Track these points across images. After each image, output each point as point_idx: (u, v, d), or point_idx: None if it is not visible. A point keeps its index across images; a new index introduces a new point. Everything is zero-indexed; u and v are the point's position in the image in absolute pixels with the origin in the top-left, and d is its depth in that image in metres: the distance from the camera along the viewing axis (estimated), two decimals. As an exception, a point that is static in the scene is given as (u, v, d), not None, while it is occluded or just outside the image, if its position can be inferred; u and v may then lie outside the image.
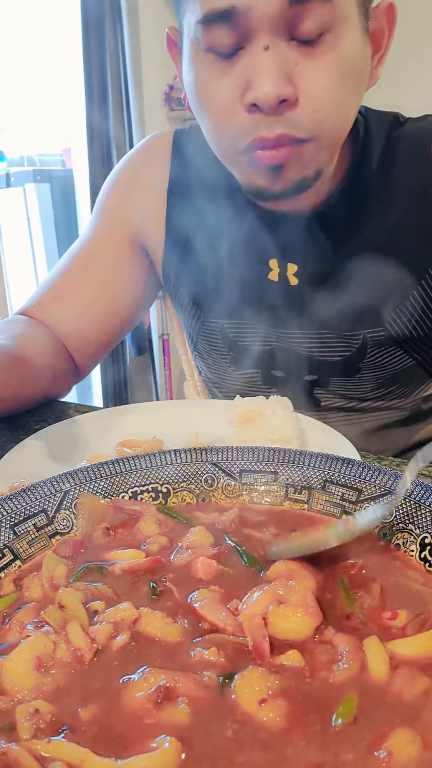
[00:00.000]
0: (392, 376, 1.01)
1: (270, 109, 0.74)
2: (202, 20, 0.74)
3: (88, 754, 0.35)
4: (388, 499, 0.55)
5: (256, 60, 0.73)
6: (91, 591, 0.49)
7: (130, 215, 1.07)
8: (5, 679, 0.40)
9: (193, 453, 0.64)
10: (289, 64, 0.74)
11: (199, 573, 0.51)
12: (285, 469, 0.63)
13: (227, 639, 0.43)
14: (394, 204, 0.92)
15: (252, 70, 0.74)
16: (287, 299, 0.98)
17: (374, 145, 0.93)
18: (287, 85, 0.74)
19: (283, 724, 0.37)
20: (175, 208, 1.03)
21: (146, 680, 0.39)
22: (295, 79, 0.74)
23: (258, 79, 0.73)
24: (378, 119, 0.95)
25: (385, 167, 0.93)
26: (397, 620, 0.45)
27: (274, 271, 0.98)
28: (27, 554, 0.55)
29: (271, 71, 0.72)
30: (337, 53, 0.74)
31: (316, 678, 0.40)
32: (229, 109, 0.78)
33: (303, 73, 0.74)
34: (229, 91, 0.77)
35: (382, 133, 0.94)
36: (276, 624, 0.43)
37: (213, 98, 0.79)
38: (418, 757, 0.35)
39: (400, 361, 0.99)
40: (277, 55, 0.73)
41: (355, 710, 0.38)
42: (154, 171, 1.06)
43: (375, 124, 0.94)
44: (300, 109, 0.76)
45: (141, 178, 1.08)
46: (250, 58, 0.74)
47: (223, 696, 0.39)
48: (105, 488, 0.61)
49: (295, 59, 0.74)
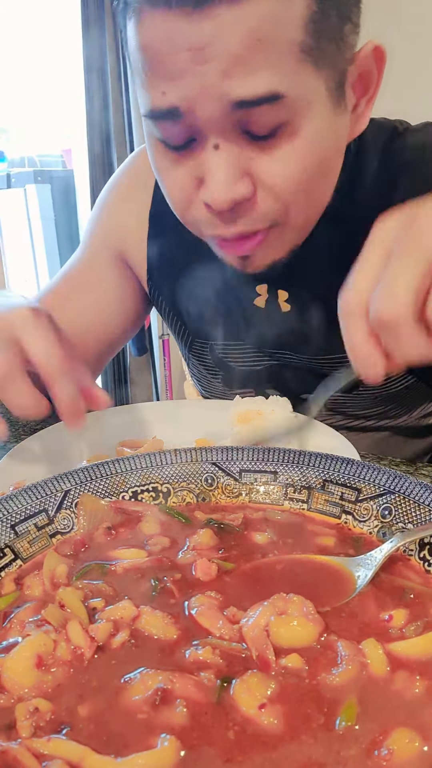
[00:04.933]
0: (392, 394, 0.99)
1: (223, 212, 0.70)
2: (148, 115, 0.70)
3: (88, 752, 0.35)
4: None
5: (207, 159, 0.68)
6: (91, 589, 0.49)
7: (116, 234, 1.05)
8: (5, 677, 0.40)
9: (193, 453, 0.65)
10: (242, 161, 0.68)
11: (198, 574, 0.51)
12: (285, 469, 0.63)
13: (224, 645, 0.43)
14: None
15: (203, 169, 0.69)
16: (278, 325, 0.94)
17: (368, 159, 0.87)
18: (240, 184, 0.68)
19: (283, 726, 0.37)
20: (157, 231, 1.01)
21: (144, 682, 0.39)
22: (252, 172, 0.69)
23: (208, 180, 0.69)
24: (375, 132, 0.88)
25: (381, 182, 0.87)
26: (395, 621, 0.45)
27: (261, 297, 0.94)
28: (28, 553, 0.55)
29: (221, 174, 0.67)
30: (297, 145, 0.68)
31: (317, 680, 0.40)
32: (187, 200, 0.74)
33: (259, 167, 0.68)
34: (185, 180, 0.72)
35: (378, 145, 0.88)
36: (278, 633, 0.43)
37: (171, 186, 0.75)
38: (419, 755, 0.35)
39: (401, 378, 0.97)
40: (228, 155, 0.67)
41: (356, 713, 0.38)
42: (138, 190, 1.02)
43: (371, 138, 0.87)
44: (259, 205, 0.71)
45: (125, 197, 1.05)
46: (201, 155, 0.69)
47: (221, 700, 0.39)
48: (105, 488, 0.61)
49: (250, 155, 0.68)
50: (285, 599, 0.45)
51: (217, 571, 0.51)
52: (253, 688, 0.39)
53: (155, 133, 0.71)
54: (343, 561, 0.52)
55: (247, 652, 0.42)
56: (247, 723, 0.37)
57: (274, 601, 0.45)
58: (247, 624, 0.44)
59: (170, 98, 0.65)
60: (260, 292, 0.94)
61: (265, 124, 0.65)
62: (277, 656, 0.42)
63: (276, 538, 0.57)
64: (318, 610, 0.45)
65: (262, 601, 0.46)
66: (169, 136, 0.69)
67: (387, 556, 0.51)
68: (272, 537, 0.57)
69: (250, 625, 0.44)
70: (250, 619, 0.44)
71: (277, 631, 0.43)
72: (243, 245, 0.74)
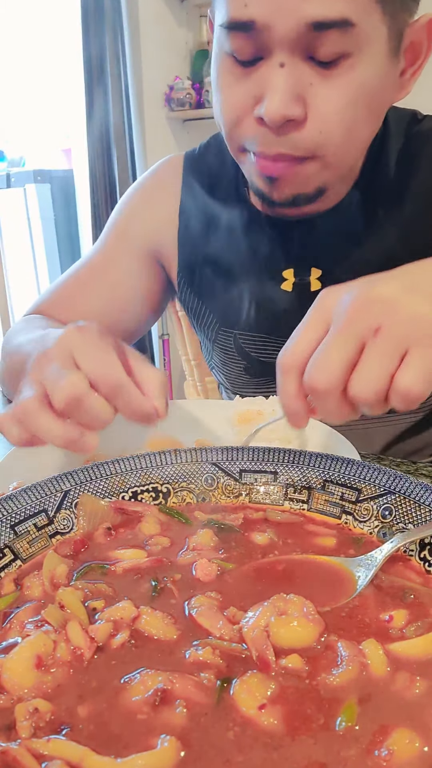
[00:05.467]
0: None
1: (274, 127, 0.75)
2: (225, 25, 0.75)
3: (88, 753, 0.35)
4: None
5: (271, 75, 0.74)
6: (91, 590, 0.49)
7: (143, 231, 1.10)
8: (5, 678, 0.40)
9: (193, 453, 0.65)
10: (302, 83, 0.74)
11: (198, 574, 0.51)
12: (285, 469, 0.63)
13: (224, 645, 0.43)
14: (409, 202, 0.93)
15: (265, 85, 0.75)
16: (305, 305, 0.98)
17: (392, 142, 0.94)
18: (296, 105, 0.74)
19: (283, 727, 0.37)
20: (186, 226, 1.06)
21: (143, 683, 0.39)
22: (307, 98, 0.75)
23: (268, 95, 0.74)
24: (397, 117, 0.95)
25: (402, 165, 0.93)
26: (395, 621, 0.45)
27: (288, 281, 0.99)
28: (27, 554, 0.55)
29: (281, 90, 0.73)
30: (353, 78, 0.74)
31: (317, 681, 0.40)
32: (240, 115, 0.79)
33: (315, 94, 0.75)
34: (243, 98, 0.78)
35: (400, 129, 0.94)
36: (278, 634, 0.43)
37: (228, 99, 0.80)
38: (419, 755, 0.35)
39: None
40: (291, 74, 0.73)
41: (356, 714, 0.38)
42: (166, 192, 1.09)
43: (394, 120, 0.94)
44: (305, 130, 0.76)
45: (153, 198, 1.11)
46: (265, 72, 0.75)
47: (221, 701, 0.39)
48: (105, 488, 0.61)
49: (310, 79, 0.74)
50: (285, 599, 0.45)
51: (217, 572, 0.51)
52: (253, 688, 0.39)
53: (226, 47, 0.76)
54: (343, 561, 0.52)
55: (247, 652, 0.42)
56: (247, 723, 0.37)
57: (274, 601, 0.45)
58: (247, 624, 0.44)
59: (251, 10, 0.71)
60: (287, 276, 0.99)
61: (331, 50, 0.71)
62: (277, 657, 0.42)
63: (276, 539, 0.57)
64: (318, 610, 0.45)
65: (262, 601, 0.46)
66: (239, 49, 0.75)
67: (387, 556, 0.51)
68: (272, 537, 0.57)
69: (250, 626, 0.44)
70: (250, 619, 0.44)
71: (277, 632, 0.43)
72: (276, 165, 0.79)
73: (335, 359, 0.51)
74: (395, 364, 0.49)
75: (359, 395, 0.50)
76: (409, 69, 0.82)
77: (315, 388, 0.52)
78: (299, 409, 0.55)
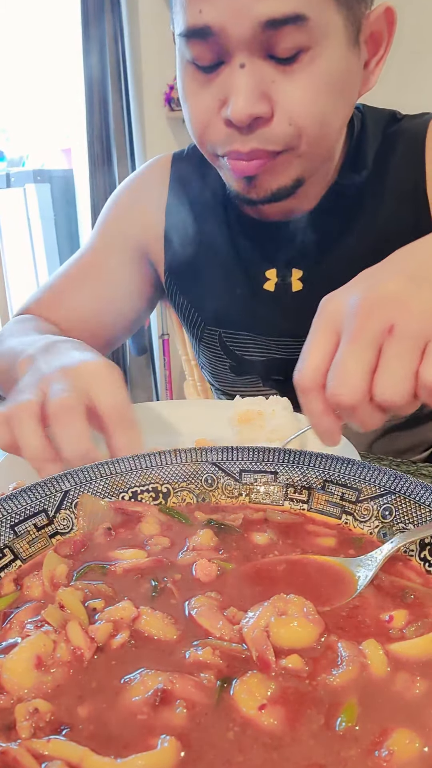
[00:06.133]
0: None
1: (243, 126, 0.77)
2: (183, 34, 0.77)
3: (88, 753, 0.35)
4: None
5: (233, 78, 0.76)
6: (91, 590, 0.49)
7: (132, 230, 1.12)
8: (5, 678, 0.40)
9: (193, 453, 0.65)
10: (265, 81, 0.75)
11: (198, 575, 0.51)
12: (285, 469, 0.63)
13: (224, 646, 0.43)
14: (387, 200, 0.93)
15: (229, 87, 0.76)
16: (288, 305, 0.99)
17: (370, 141, 0.95)
18: (261, 102, 0.75)
19: (283, 727, 0.37)
20: (172, 226, 1.08)
21: (143, 683, 0.39)
22: (272, 94, 0.76)
23: (233, 97, 0.76)
24: (375, 116, 0.96)
25: (379, 163, 0.94)
26: (395, 622, 0.45)
27: (270, 281, 1.00)
28: (27, 554, 0.55)
29: (244, 90, 0.74)
30: (315, 70, 0.75)
31: (317, 681, 0.40)
32: (208, 120, 0.81)
33: (279, 90, 0.76)
34: (209, 103, 0.79)
35: (378, 129, 0.95)
36: (279, 634, 0.43)
37: (194, 106, 0.82)
38: (419, 756, 0.35)
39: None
40: (253, 74, 0.75)
41: (357, 714, 0.38)
42: (153, 192, 1.11)
43: (372, 120, 0.96)
44: (274, 124, 0.77)
45: (141, 197, 1.12)
46: (227, 75, 0.76)
47: (221, 701, 0.39)
48: (105, 488, 0.61)
49: (272, 77, 0.75)
50: (285, 600, 0.45)
51: (217, 572, 0.51)
52: (253, 688, 0.39)
53: (187, 55, 0.79)
54: (343, 561, 0.52)
55: (247, 652, 0.42)
56: (247, 724, 0.37)
57: (275, 601, 0.45)
58: (247, 625, 0.44)
59: (206, 17, 0.73)
60: (270, 276, 1.00)
61: (288, 46, 0.73)
62: (277, 657, 0.41)
63: (276, 539, 0.57)
64: (318, 610, 0.45)
65: (262, 601, 0.46)
66: (199, 56, 0.77)
67: (387, 556, 0.51)
68: (272, 537, 0.57)
69: (250, 626, 0.44)
70: (250, 619, 0.44)
71: (278, 632, 0.43)
72: (251, 164, 0.80)
73: (355, 369, 0.50)
74: (417, 361, 0.48)
75: (387, 399, 0.49)
76: (372, 59, 0.84)
77: (341, 403, 0.51)
78: (329, 426, 0.54)
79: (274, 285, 1.00)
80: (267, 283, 1.00)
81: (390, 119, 0.97)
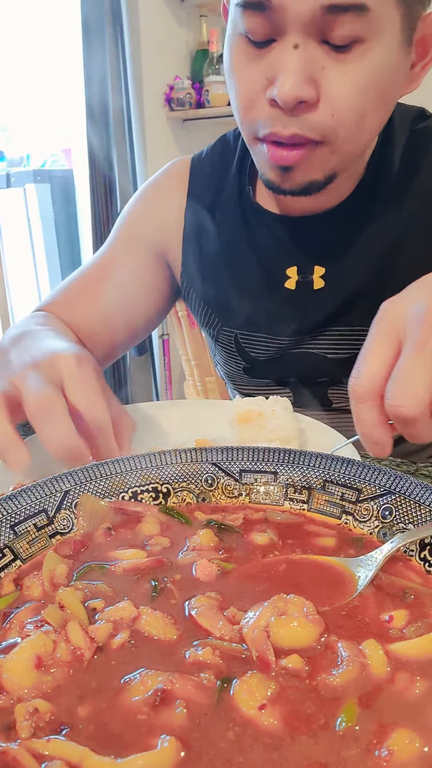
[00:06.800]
0: None
1: (287, 108, 0.75)
2: (240, 4, 0.75)
3: (87, 753, 0.35)
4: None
5: (284, 57, 0.74)
6: (91, 590, 0.49)
7: (150, 231, 1.12)
8: (5, 678, 0.40)
9: (193, 453, 0.65)
10: (315, 65, 0.74)
11: (198, 575, 0.51)
12: (285, 469, 0.63)
13: (224, 646, 0.43)
14: (411, 199, 0.93)
15: (278, 66, 0.75)
16: (309, 303, 0.99)
17: (397, 138, 0.94)
18: (308, 86, 0.74)
19: (283, 727, 0.37)
20: (191, 226, 1.08)
21: (143, 683, 0.39)
22: (320, 81, 0.75)
23: (281, 76, 0.74)
24: (403, 113, 0.95)
25: (406, 160, 0.93)
26: (395, 622, 0.45)
27: (291, 279, 1.00)
28: (27, 554, 0.55)
29: (294, 71, 0.73)
30: (366, 64, 0.74)
31: (317, 681, 0.40)
32: (253, 97, 0.79)
33: (328, 77, 0.75)
34: (256, 79, 0.78)
35: (406, 125, 0.94)
36: (279, 634, 0.43)
37: (241, 82, 0.80)
38: (419, 756, 0.35)
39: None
40: (305, 56, 0.73)
41: (357, 714, 0.38)
42: (173, 194, 1.11)
43: (400, 117, 0.95)
44: (318, 112, 0.76)
45: (161, 198, 1.13)
46: (279, 53, 0.75)
47: (221, 701, 0.39)
48: (105, 488, 0.61)
49: (323, 62, 0.74)
50: (285, 600, 0.45)
51: (217, 572, 0.51)
52: (253, 688, 0.39)
53: (240, 27, 0.77)
54: (343, 561, 0.52)
55: (247, 652, 0.42)
56: (247, 724, 0.37)
57: (275, 601, 0.45)
58: (247, 624, 0.44)
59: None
60: (290, 274, 0.99)
61: (345, 34, 0.72)
62: (277, 657, 0.42)
63: (276, 539, 0.57)
64: (318, 610, 0.45)
65: (263, 601, 0.46)
66: (252, 30, 0.75)
67: (387, 556, 0.51)
68: (272, 537, 0.57)
69: (250, 626, 0.44)
70: (250, 619, 0.44)
71: (278, 632, 0.43)
72: (291, 153, 0.79)
73: (420, 380, 0.47)
74: None
75: None
76: (420, 62, 0.83)
77: (402, 415, 0.48)
78: (382, 438, 0.52)
79: (294, 283, 0.99)
80: (288, 281, 1.00)
81: (418, 116, 0.96)
